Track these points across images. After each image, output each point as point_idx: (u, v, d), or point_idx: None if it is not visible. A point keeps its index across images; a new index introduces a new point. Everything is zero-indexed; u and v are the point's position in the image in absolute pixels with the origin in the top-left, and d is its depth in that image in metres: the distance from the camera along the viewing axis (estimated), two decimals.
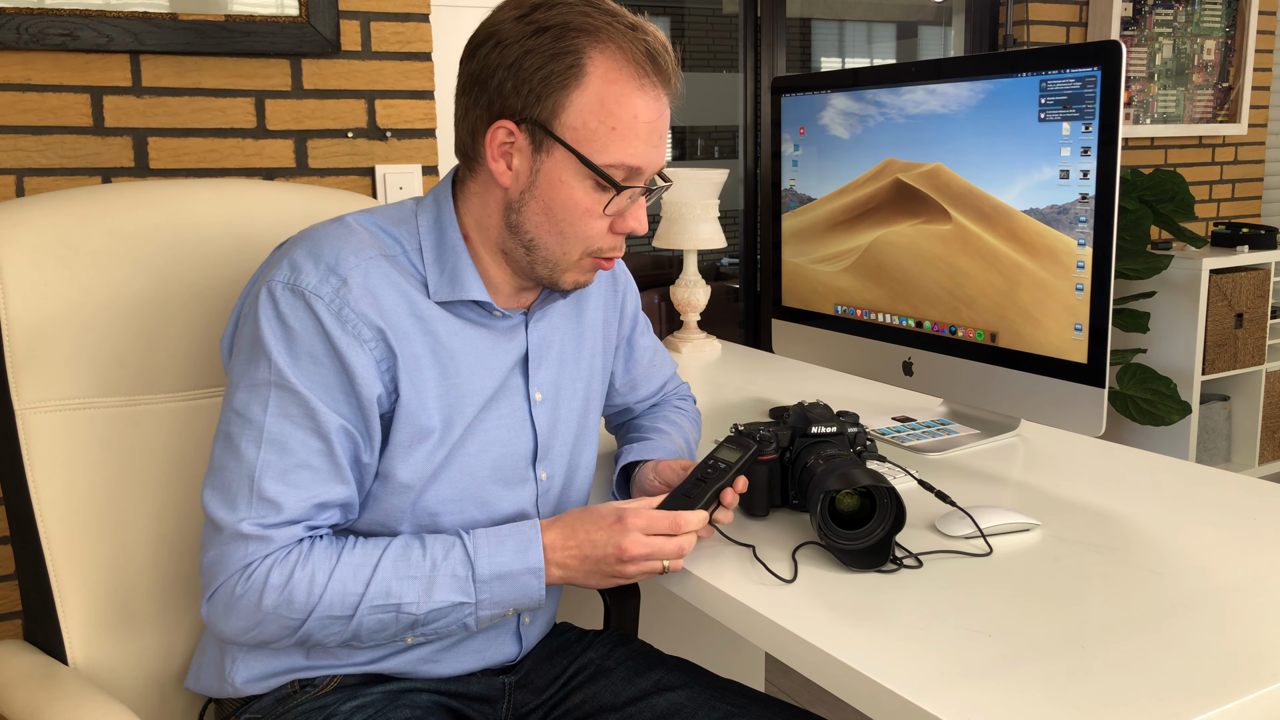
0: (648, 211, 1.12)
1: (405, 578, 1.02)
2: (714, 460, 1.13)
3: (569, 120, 1.03)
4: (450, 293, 1.09)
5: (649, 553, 1.04)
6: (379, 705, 1.10)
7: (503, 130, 1.05)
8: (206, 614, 1.03)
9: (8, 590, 1.76)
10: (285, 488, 1.01)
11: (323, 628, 1.02)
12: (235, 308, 1.13)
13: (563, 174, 1.05)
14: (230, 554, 1.00)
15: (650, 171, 1.08)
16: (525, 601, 1.06)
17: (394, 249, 1.09)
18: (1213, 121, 3.78)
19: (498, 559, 1.04)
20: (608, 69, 1.03)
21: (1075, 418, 1.32)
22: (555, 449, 1.19)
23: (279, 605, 0.99)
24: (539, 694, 1.22)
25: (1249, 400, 3.69)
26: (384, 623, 1.02)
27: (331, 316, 1.02)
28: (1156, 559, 1.08)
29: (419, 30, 1.98)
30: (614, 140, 1.04)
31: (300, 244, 1.07)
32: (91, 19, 1.70)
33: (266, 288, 1.04)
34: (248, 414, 1.02)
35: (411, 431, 1.07)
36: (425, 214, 1.12)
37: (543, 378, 1.18)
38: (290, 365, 1.02)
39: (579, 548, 1.06)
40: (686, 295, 2.17)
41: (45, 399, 1.16)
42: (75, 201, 1.23)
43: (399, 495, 1.08)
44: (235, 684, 1.10)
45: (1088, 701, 0.82)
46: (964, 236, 1.43)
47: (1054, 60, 1.29)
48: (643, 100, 1.04)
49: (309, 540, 1.02)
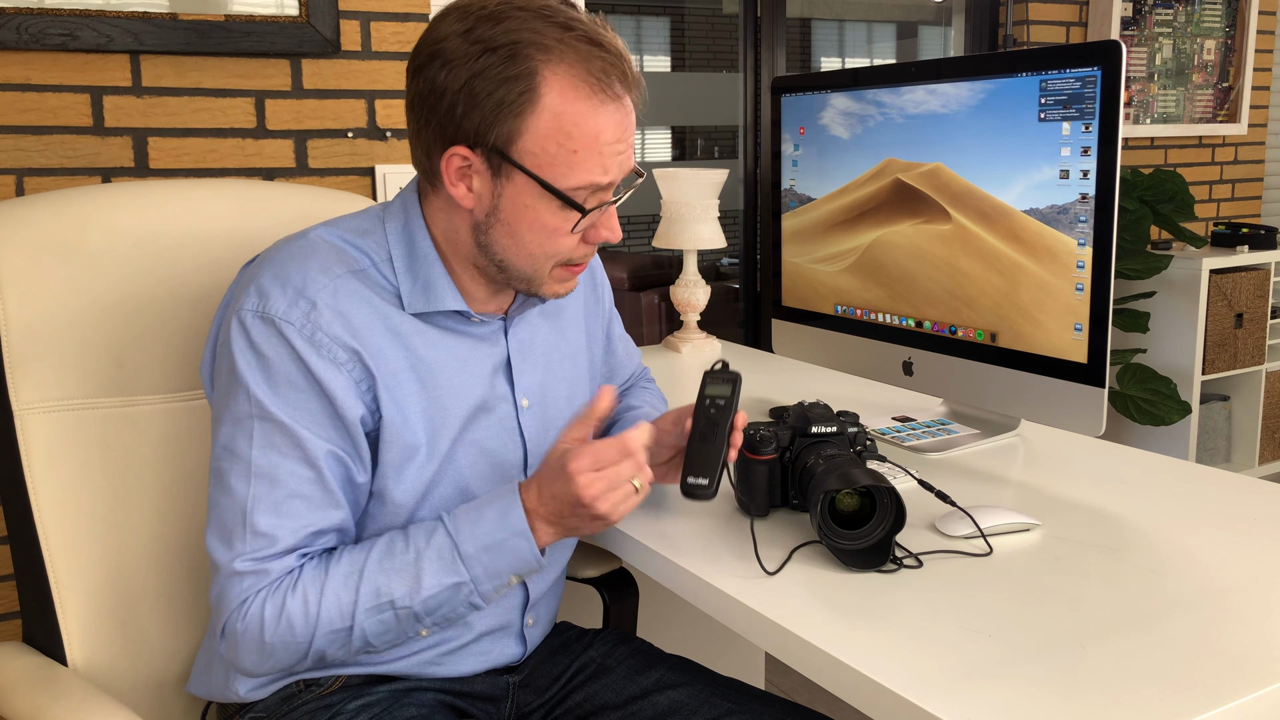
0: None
1: (392, 572, 1.00)
2: (709, 399, 1.11)
3: (527, 146, 0.99)
4: (425, 303, 1.07)
5: (608, 485, 0.98)
6: (384, 704, 1.10)
7: (458, 157, 1.01)
8: (224, 652, 1.03)
9: (6, 591, 1.76)
10: (278, 519, 1.00)
11: (330, 643, 1.01)
12: (210, 334, 1.11)
13: (525, 199, 1.01)
14: (228, 591, 1.00)
15: (619, 179, 1.05)
16: (521, 565, 1.02)
17: (362, 262, 1.06)
18: (1213, 121, 3.78)
19: (479, 530, 1.01)
20: (563, 89, 0.98)
21: (1075, 418, 1.32)
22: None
23: (281, 634, 0.99)
24: (541, 693, 1.22)
25: (1249, 400, 3.69)
26: (385, 623, 1.01)
27: (304, 342, 1.00)
28: (1156, 559, 1.08)
29: (419, 30, 1.98)
30: (577, 163, 1.00)
31: (265, 268, 1.04)
32: (91, 19, 1.70)
33: (237, 317, 1.02)
34: (234, 448, 1.01)
35: (399, 450, 1.06)
36: (393, 221, 1.09)
37: (527, 382, 1.16)
38: (269, 395, 1.00)
39: (551, 502, 1.01)
40: (686, 295, 2.17)
41: (44, 399, 1.16)
42: (74, 201, 1.22)
43: (393, 516, 1.08)
44: (239, 692, 1.10)
45: (1088, 701, 0.82)
46: (964, 236, 1.43)
47: (1054, 60, 1.29)
48: (603, 117, 1.00)
49: (297, 567, 1.01)
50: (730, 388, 1.11)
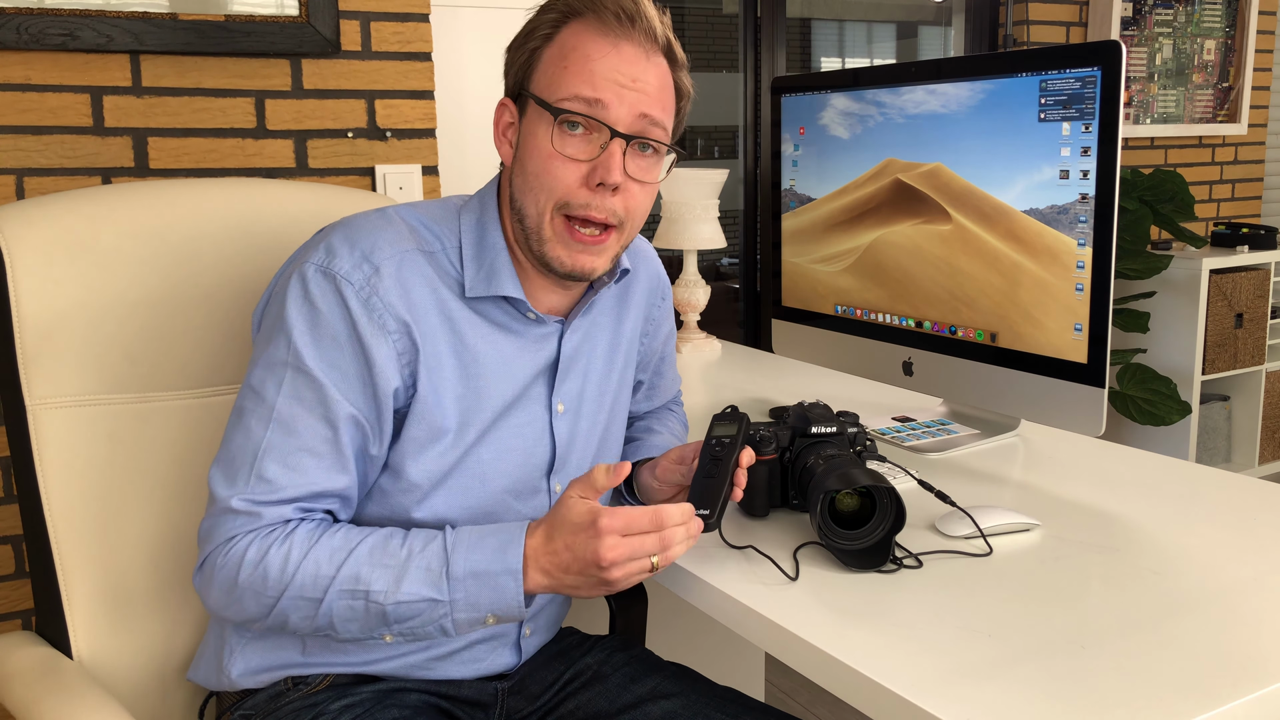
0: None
1: (378, 565, 0.98)
2: (715, 439, 1.12)
3: (538, 78, 1.07)
4: (485, 288, 1.08)
5: (629, 554, 0.95)
6: (367, 705, 1.09)
7: (507, 110, 1.10)
8: (196, 583, 1.03)
9: (8, 590, 1.76)
10: (285, 470, 1.00)
11: (295, 609, 0.99)
12: (269, 286, 1.13)
13: (534, 126, 1.07)
14: (218, 526, 1.00)
15: (615, 111, 1.04)
16: (502, 607, 0.98)
17: (434, 245, 1.09)
18: (1213, 121, 3.78)
19: (474, 556, 0.98)
20: (578, 29, 1.06)
21: (1075, 418, 1.32)
22: (572, 461, 1.17)
23: (253, 580, 0.98)
24: (533, 700, 1.20)
25: (1249, 400, 3.69)
26: (354, 610, 0.98)
27: (359, 303, 1.02)
28: (1156, 559, 1.08)
29: (419, 30, 1.98)
30: (565, 75, 1.05)
31: (339, 229, 1.07)
32: (91, 19, 1.70)
33: (299, 269, 1.04)
34: (261, 391, 1.02)
35: (426, 429, 1.06)
36: (469, 213, 1.12)
37: (568, 389, 1.16)
38: (310, 347, 1.01)
39: (557, 555, 0.97)
40: (686, 295, 2.17)
41: (56, 395, 1.17)
42: (85, 201, 1.24)
43: (405, 494, 1.07)
44: (231, 676, 1.11)
45: (1088, 701, 0.82)
46: (964, 236, 1.43)
47: (1054, 60, 1.29)
48: (600, 43, 1.05)
49: (295, 521, 1.01)
50: (736, 427, 1.13)
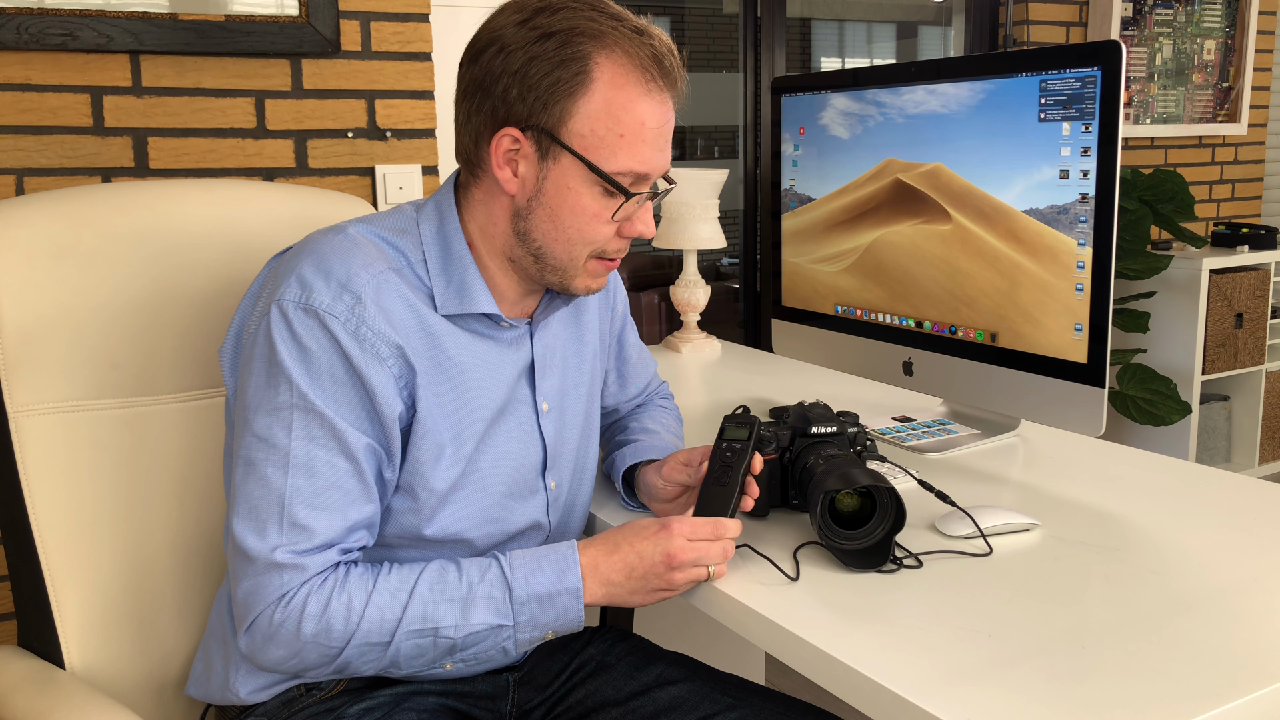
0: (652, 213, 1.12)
1: (442, 601, 1.01)
2: (726, 443, 1.12)
3: (576, 127, 1.02)
4: (459, 305, 1.08)
5: (696, 557, 1.03)
6: (386, 708, 1.09)
7: (508, 138, 1.04)
8: (246, 646, 1.02)
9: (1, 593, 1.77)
10: (316, 512, 1.00)
11: (361, 655, 1.01)
12: (234, 320, 1.11)
13: (570, 181, 1.04)
14: (266, 584, 0.99)
15: (656, 175, 1.08)
16: (564, 623, 1.04)
17: (399, 261, 1.07)
18: (1213, 121, 3.78)
19: (535, 579, 1.03)
20: (614, 74, 1.02)
21: (1075, 418, 1.32)
22: (563, 457, 1.19)
23: (318, 634, 0.99)
24: (541, 690, 1.22)
25: (1249, 400, 3.69)
26: (422, 648, 1.02)
27: (349, 336, 1.01)
28: (1157, 559, 1.08)
29: (419, 30, 1.98)
30: (622, 147, 1.03)
31: (305, 258, 1.04)
32: (91, 19, 1.70)
33: (278, 306, 1.02)
34: (271, 439, 1.00)
35: (429, 447, 1.07)
36: (427, 222, 1.10)
37: (548, 386, 1.17)
38: (312, 386, 1.00)
39: (624, 560, 1.04)
40: (686, 295, 2.17)
41: (39, 401, 1.16)
42: (68, 202, 1.22)
43: (415, 513, 1.08)
44: (240, 694, 1.10)
45: (1088, 701, 0.82)
46: (964, 236, 1.42)
47: (1054, 60, 1.29)
48: (649, 105, 1.03)
49: (344, 566, 1.01)
50: (748, 431, 1.12)
